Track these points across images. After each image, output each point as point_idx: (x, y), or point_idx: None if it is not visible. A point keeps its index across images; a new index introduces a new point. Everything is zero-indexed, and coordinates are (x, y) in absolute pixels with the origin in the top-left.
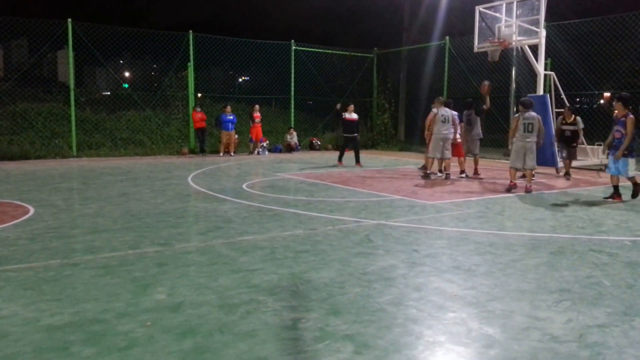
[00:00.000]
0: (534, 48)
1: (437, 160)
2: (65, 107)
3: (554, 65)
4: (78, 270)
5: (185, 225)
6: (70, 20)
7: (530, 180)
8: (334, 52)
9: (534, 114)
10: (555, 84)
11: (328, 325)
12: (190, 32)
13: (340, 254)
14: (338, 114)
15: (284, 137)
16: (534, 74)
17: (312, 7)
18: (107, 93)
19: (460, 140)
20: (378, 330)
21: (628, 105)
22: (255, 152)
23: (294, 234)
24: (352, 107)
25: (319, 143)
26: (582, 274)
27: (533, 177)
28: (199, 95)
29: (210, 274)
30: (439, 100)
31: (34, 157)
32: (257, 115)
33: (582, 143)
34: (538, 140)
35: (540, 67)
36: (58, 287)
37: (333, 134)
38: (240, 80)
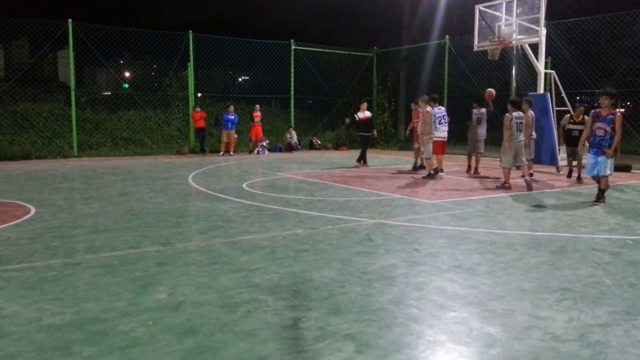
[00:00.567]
0: (534, 47)
1: (432, 160)
2: (66, 107)
3: (555, 64)
4: (79, 270)
5: (186, 225)
6: (71, 21)
7: (528, 174)
8: (334, 51)
9: (522, 113)
10: (556, 83)
11: (329, 325)
12: (190, 32)
13: (341, 253)
14: (352, 120)
15: (284, 136)
16: (535, 73)
17: (311, 6)
18: (107, 93)
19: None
20: (379, 330)
21: (616, 102)
22: (255, 151)
23: (295, 233)
24: (365, 105)
25: (319, 142)
26: (583, 273)
27: (531, 174)
28: (199, 95)
29: (211, 273)
30: (424, 99)
31: (35, 157)
32: (257, 115)
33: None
34: (530, 136)
35: (541, 65)
36: (59, 286)
37: (333, 133)
38: (240, 80)
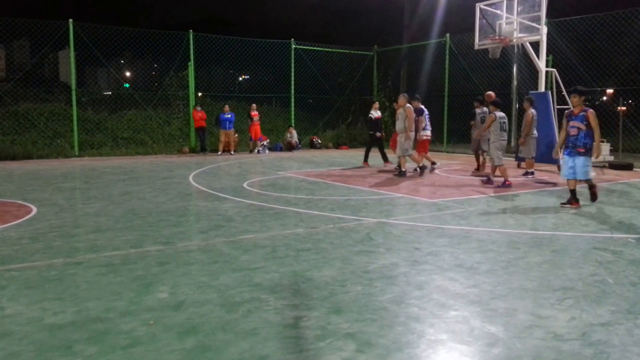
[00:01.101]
0: (535, 45)
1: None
2: (67, 107)
3: (556, 62)
4: (81, 269)
5: (187, 224)
6: (72, 21)
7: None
8: (334, 50)
9: (504, 113)
10: (557, 81)
11: (330, 324)
12: (191, 31)
13: (342, 252)
14: (369, 119)
15: (284, 135)
16: (536, 71)
17: (312, 5)
18: (108, 93)
19: (426, 137)
20: (380, 329)
21: (586, 99)
22: (255, 150)
23: (295, 233)
24: (377, 104)
25: (320, 141)
26: (585, 272)
27: (532, 173)
28: (200, 95)
29: (212, 273)
30: (406, 97)
31: (37, 156)
32: (254, 114)
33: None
34: (531, 134)
35: (542, 64)
36: (61, 286)
37: (333, 132)
38: (241, 79)
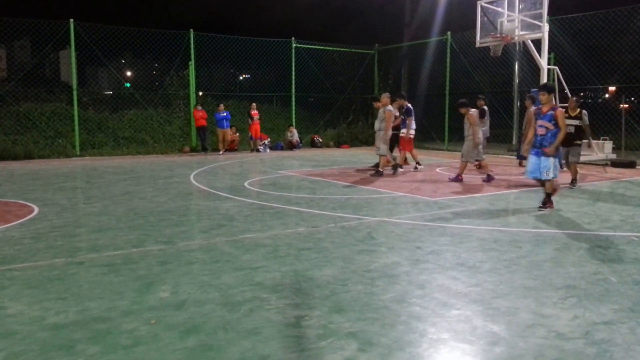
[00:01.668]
0: (537, 42)
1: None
2: (68, 106)
3: (558, 60)
4: (82, 269)
5: (188, 224)
6: (72, 21)
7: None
8: (335, 48)
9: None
10: (559, 79)
11: (331, 323)
12: (191, 30)
13: (343, 252)
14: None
15: (285, 134)
16: (537, 69)
17: (312, 3)
18: (109, 92)
19: (407, 135)
20: (382, 328)
21: (554, 97)
22: (256, 149)
23: (297, 232)
24: (397, 103)
25: (321, 140)
26: (588, 271)
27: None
28: (200, 94)
29: (214, 272)
30: (389, 97)
31: (38, 156)
32: (254, 113)
33: (586, 142)
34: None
35: (544, 61)
36: (63, 285)
37: (334, 131)
38: (241, 78)
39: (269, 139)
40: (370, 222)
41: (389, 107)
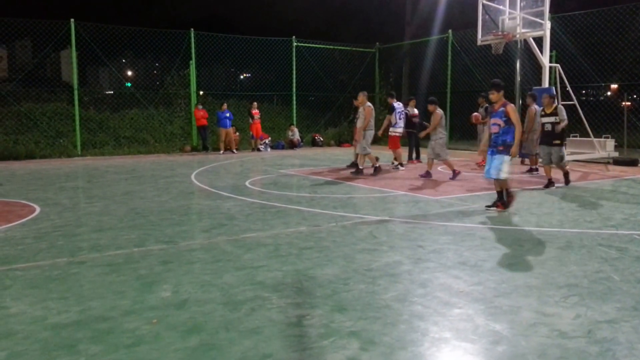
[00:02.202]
0: (539, 40)
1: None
2: (70, 106)
3: (559, 58)
4: (84, 269)
5: (189, 223)
6: (73, 20)
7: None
8: (336, 47)
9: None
10: (561, 77)
11: (333, 322)
12: (192, 30)
13: (345, 251)
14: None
15: (286, 133)
16: (539, 67)
17: (312, 2)
18: (110, 92)
19: (397, 134)
20: (383, 327)
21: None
22: (257, 148)
23: (298, 231)
24: (414, 101)
25: (322, 139)
26: (590, 269)
27: (536, 169)
28: (201, 93)
29: (215, 271)
30: (365, 95)
31: (39, 156)
32: (255, 112)
33: (563, 142)
34: (533, 130)
35: (546, 59)
36: (64, 285)
37: (335, 130)
38: (242, 78)
39: (270, 138)
40: (372, 221)
41: (368, 104)
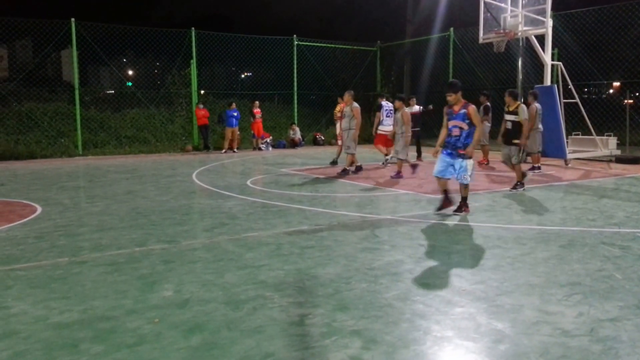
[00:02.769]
0: (541, 38)
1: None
2: (70, 106)
3: (561, 55)
4: (86, 268)
5: (191, 222)
6: (74, 20)
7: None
8: (337, 46)
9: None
10: (563, 75)
11: (335, 321)
12: (193, 29)
13: (346, 250)
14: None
15: (287, 132)
16: (541, 65)
17: (313, 0)
18: (111, 92)
19: (384, 132)
20: (385, 326)
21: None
22: (258, 147)
23: (300, 230)
24: (414, 100)
25: (323, 138)
26: (593, 267)
27: (539, 168)
28: (202, 92)
29: (217, 271)
30: (352, 94)
31: (40, 156)
32: (257, 111)
33: (523, 143)
34: (535, 128)
35: (547, 57)
36: (66, 285)
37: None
38: (243, 77)
39: (271, 137)
40: (373, 219)
41: (354, 104)
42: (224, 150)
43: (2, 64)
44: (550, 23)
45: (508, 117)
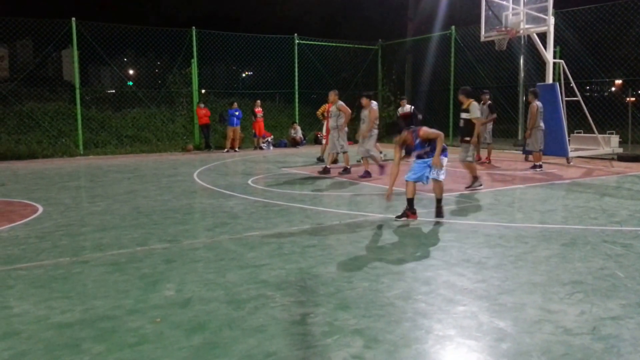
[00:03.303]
0: (543, 36)
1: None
2: (71, 105)
3: (563, 53)
4: (87, 268)
5: (192, 222)
6: (74, 20)
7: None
8: (338, 44)
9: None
10: (565, 73)
11: (337, 320)
12: (193, 28)
13: (348, 249)
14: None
15: (288, 131)
16: (543, 63)
17: None
18: (112, 91)
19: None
20: (387, 325)
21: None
22: (259, 147)
23: (301, 229)
24: (404, 101)
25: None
26: (595, 266)
27: (540, 166)
28: (203, 92)
29: (218, 270)
30: (336, 93)
31: (42, 156)
32: (258, 110)
33: (473, 140)
34: (537, 126)
35: (549, 55)
36: (68, 284)
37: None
38: (244, 76)
39: (272, 136)
40: (375, 218)
41: (340, 102)
42: (226, 150)
43: (2, 64)
44: (552, 21)
45: (462, 114)
